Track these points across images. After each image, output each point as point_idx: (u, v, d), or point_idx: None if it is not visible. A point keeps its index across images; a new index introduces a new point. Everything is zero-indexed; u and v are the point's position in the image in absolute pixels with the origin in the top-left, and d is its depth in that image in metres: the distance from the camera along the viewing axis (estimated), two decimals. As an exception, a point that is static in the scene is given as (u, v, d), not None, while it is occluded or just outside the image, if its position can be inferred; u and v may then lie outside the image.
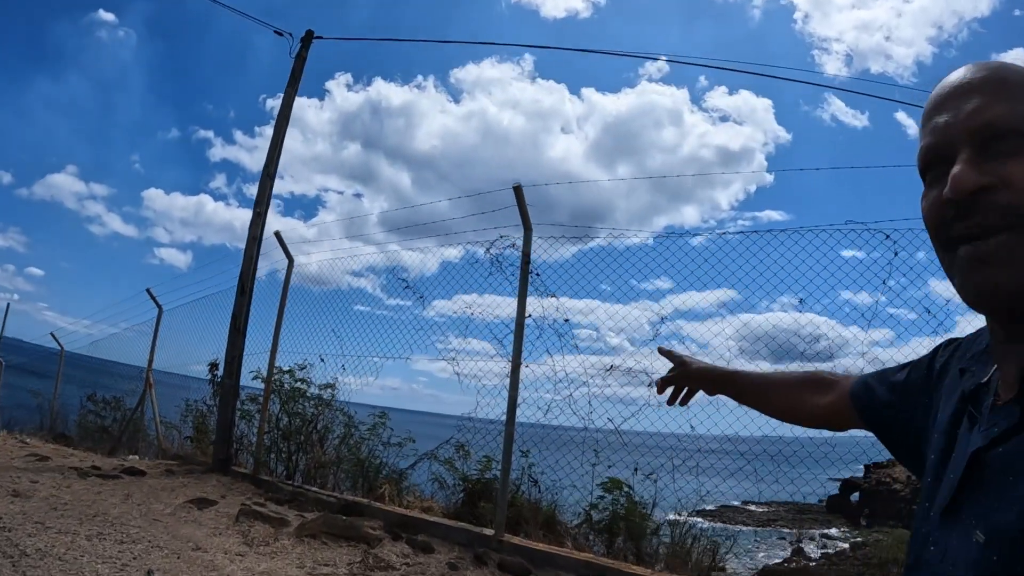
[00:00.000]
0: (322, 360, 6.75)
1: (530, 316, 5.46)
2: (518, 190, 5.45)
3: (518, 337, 5.34)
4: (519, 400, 5.23)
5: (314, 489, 6.35)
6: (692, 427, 3.98)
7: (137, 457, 8.89)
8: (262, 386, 7.08)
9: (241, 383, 7.39)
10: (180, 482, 6.13)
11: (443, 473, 6.22)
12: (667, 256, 4.53)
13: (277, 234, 7.74)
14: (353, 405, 6.87)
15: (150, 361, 9.96)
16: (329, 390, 6.81)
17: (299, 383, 6.97)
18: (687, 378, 1.26)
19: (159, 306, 10.22)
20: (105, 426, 10.87)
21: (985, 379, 0.69)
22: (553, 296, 5.61)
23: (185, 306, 9.90)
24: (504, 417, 5.27)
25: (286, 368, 7.06)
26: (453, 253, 5.59)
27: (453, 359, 5.87)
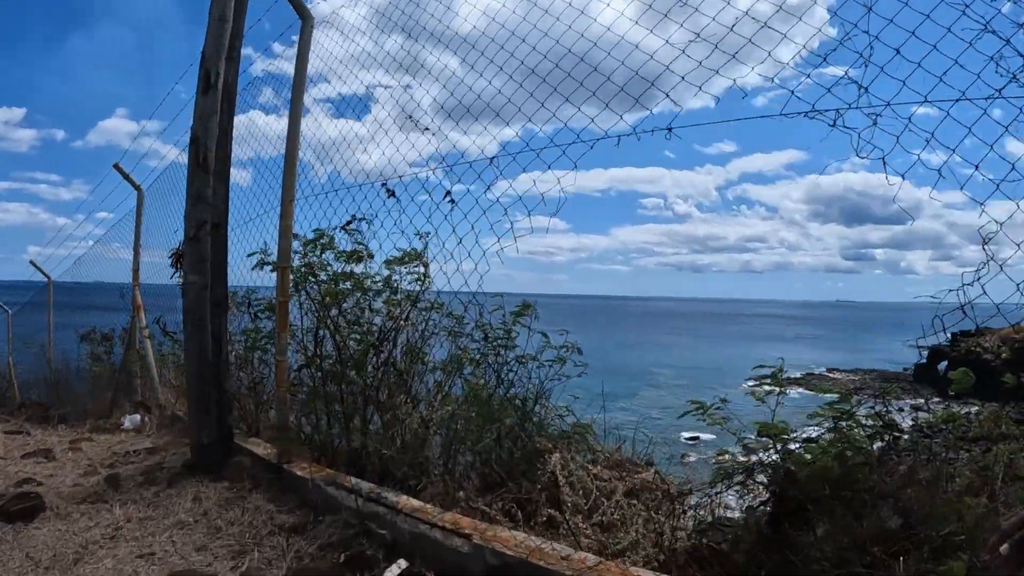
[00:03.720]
0: (395, 199, 2.79)
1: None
2: None
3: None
4: None
5: (408, 504, 2.57)
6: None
7: (138, 417, 5.61)
8: (273, 281, 3.25)
9: (240, 283, 3.64)
10: (112, 520, 2.50)
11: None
12: (730, 118, 2.80)
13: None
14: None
15: (135, 271, 6.41)
16: (418, 271, 2.92)
17: (350, 262, 3.10)
18: None
19: (137, 187, 6.55)
20: (116, 368, 7.81)
21: None
22: None
23: (171, 170, 6.13)
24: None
25: (315, 235, 3.17)
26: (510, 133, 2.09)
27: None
